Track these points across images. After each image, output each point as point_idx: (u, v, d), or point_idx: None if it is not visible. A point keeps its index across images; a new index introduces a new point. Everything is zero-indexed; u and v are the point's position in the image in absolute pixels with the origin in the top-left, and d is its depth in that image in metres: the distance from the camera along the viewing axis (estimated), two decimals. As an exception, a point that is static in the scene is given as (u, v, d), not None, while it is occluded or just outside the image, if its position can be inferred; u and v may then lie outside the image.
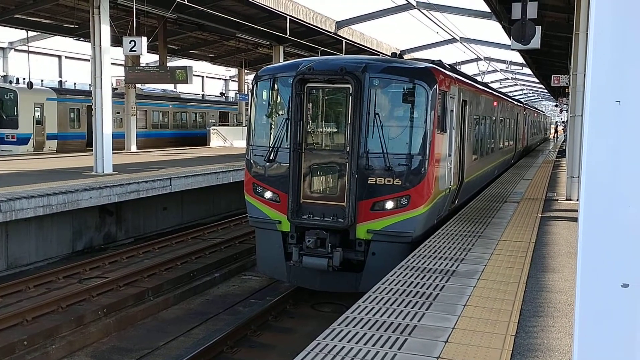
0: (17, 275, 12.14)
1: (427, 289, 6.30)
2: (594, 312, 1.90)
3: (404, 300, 5.90)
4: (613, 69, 1.80)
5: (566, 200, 13.48)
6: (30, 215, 11.81)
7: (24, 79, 28.49)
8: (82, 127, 28.43)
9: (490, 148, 16.61)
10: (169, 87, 37.70)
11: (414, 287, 6.34)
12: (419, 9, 23.54)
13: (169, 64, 28.44)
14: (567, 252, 8.31)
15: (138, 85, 28.83)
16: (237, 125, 38.91)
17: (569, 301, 5.99)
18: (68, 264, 12.77)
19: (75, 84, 38.82)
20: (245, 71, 39.15)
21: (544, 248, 8.53)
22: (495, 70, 47.23)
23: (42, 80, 33.81)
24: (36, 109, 26.48)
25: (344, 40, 26.29)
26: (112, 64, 18.21)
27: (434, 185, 9.48)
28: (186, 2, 16.33)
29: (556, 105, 56.56)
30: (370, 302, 5.81)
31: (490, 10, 19.00)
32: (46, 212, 12.14)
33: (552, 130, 66.24)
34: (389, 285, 6.43)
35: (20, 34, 30.43)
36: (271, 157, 9.68)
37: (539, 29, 11.76)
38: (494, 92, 19.67)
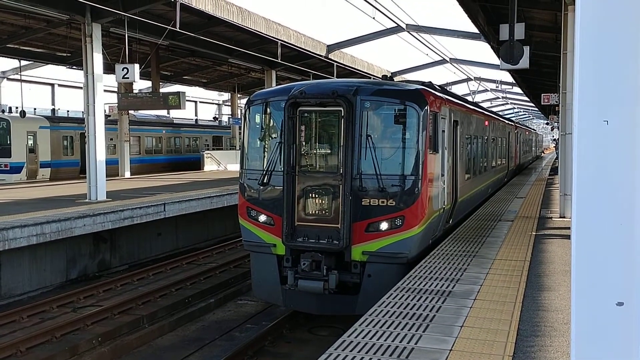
0: (10, 305, 12.01)
1: (423, 310, 6.27)
2: (590, 331, 1.90)
3: (400, 322, 5.87)
4: (599, 89, 1.83)
5: (560, 217, 13.51)
6: (23, 245, 11.73)
7: (16, 107, 28.51)
8: (75, 154, 28.41)
9: (483, 167, 16.69)
10: (162, 112, 37.80)
11: (411, 309, 6.31)
12: (408, 32, 23.79)
13: (162, 90, 28.52)
14: (563, 270, 8.30)
15: (131, 112, 28.89)
16: (230, 149, 38.98)
17: (566, 320, 5.97)
18: (62, 292, 12.66)
19: (68, 111, 38.86)
20: (238, 95, 39.32)
21: (539, 266, 8.53)
22: (486, 90, 47.62)
23: (34, 109, 33.80)
24: (29, 137, 26.46)
25: (335, 63, 26.48)
26: (105, 91, 18.30)
27: (427, 205, 9.50)
28: (178, 29, 16.44)
29: (547, 123, 56.96)
30: (367, 325, 5.78)
31: (478, 32, 19.24)
32: (40, 241, 12.06)
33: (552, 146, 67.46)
34: (385, 307, 6.40)
35: (13, 63, 30.56)
36: (265, 181, 9.68)
37: (527, 49, 11.90)
38: (485, 112, 19.82)
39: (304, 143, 9.75)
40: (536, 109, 55.47)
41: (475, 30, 19.43)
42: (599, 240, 1.87)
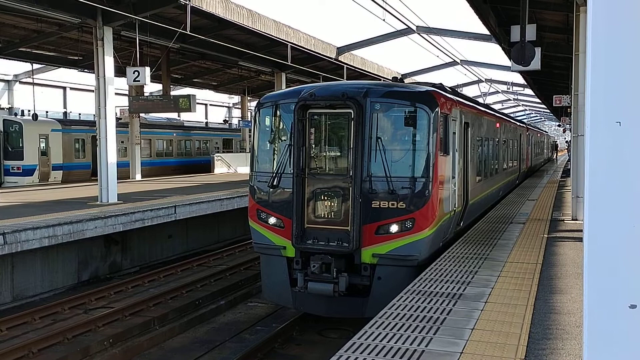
0: (22, 307, 12.09)
1: (434, 313, 6.24)
2: (602, 334, 1.88)
3: (411, 325, 5.85)
4: (612, 90, 1.81)
5: (572, 220, 13.41)
6: (35, 247, 11.81)
7: (29, 110, 28.77)
8: (87, 157, 28.60)
9: (494, 169, 16.60)
10: (173, 115, 37.97)
11: (421, 312, 6.28)
12: (418, 33, 23.75)
13: (173, 93, 28.66)
14: (575, 273, 8.24)
15: (142, 115, 29.05)
16: (240, 152, 39.08)
17: (578, 323, 5.92)
18: (74, 294, 12.73)
19: (79, 114, 39.12)
20: (248, 98, 39.41)
21: (551, 269, 8.46)
22: (497, 92, 47.43)
23: (47, 112, 34.08)
24: (41, 140, 26.68)
25: (345, 65, 26.49)
26: (116, 94, 18.38)
27: (438, 208, 9.46)
28: (189, 32, 16.52)
29: (559, 125, 56.65)
30: (376, 328, 5.76)
31: (489, 33, 19.16)
32: (52, 243, 12.14)
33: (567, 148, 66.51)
34: (395, 310, 6.37)
35: (25, 66, 30.78)
36: (274, 183, 9.69)
37: (538, 50, 11.82)
38: (496, 114, 19.72)
39: (313, 145, 9.76)
40: (548, 111, 55.17)
41: (486, 31, 19.36)
42: (611, 242, 1.85)
